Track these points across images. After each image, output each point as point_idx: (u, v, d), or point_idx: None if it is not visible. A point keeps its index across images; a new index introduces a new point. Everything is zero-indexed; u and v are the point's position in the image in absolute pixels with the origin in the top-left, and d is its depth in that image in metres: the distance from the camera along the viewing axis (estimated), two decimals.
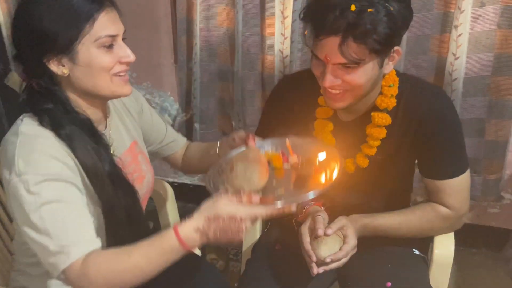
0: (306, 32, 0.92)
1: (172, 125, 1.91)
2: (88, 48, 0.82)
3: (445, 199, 1.03)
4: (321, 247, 0.94)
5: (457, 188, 1.03)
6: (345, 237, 0.97)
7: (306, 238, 0.97)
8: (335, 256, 0.93)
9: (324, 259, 0.93)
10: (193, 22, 1.63)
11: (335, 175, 0.86)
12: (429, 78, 1.50)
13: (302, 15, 0.92)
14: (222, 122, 1.84)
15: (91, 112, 0.90)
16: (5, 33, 1.75)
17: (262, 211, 0.79)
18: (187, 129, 1.89)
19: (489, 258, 1.79)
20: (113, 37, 0.84)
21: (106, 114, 0.97)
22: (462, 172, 1.03)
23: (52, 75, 0.84)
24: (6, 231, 1.15)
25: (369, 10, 0.84)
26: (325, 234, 0.95)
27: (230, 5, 1.60)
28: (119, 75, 0.87)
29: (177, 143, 1.20)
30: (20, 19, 0.83)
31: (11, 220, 1.15)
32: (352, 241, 0.96)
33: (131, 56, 0.86)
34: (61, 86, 0.86)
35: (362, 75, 0.91)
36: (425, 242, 1.13)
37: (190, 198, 2.06)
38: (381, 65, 0.93)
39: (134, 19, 1.75)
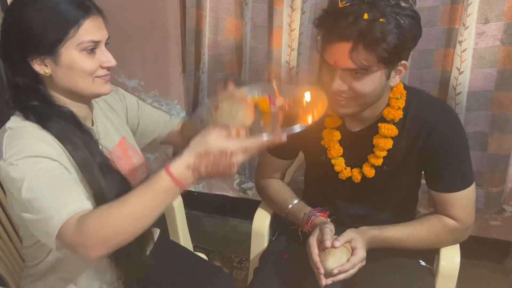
0: (318, 37, 0.96)
1: None
2: (71, 52, 0.85)
3: (452, 211, 1.05)
4: (328, 259, 0.96)
5: (464, 200, 1.05)
6: (353, 249, 0.98)
7: (315, 250, 0.98)
8: (342, 268, 0.94)
9: (331, 270, 0.94)
10: (202, 32, 1.66)
11: (321, 113, 0.86)
12: (433, 92, 1.52)
13: (316, 22, 0.95)
14: None
15: (76, 109, 0.93)
16: None
17: (252, 142, 0.76)
18: None
19: (490, 270, 1.80)
20: (96, 42, 0.87)
21: (90, 111, 1.00)
22: (468, 185, 1.05)
23: (35, 74, 0.88)
24: (19, 239, 1.16)
25: (380, 20, 0.87)
26: (333, 246, 0.96)
27: (239, 17, 1.63)
28: (100, 77, 0.90)
29: (172, 121, 1.23)
30: (9, 19, 0.86)
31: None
32: (361, 253, 0.97)
33: (112, 61, 0.90)
34: (44, 84, 0.89)
35: (369, 83, 0.93)
36: (431, 254, 1.15)
37: (195, 205, 2.08)
38: (388, 76, 0.96)
39: (144, 29, 1.78)
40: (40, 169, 0.81)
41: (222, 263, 1.86)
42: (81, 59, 0.86)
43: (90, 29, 0.86)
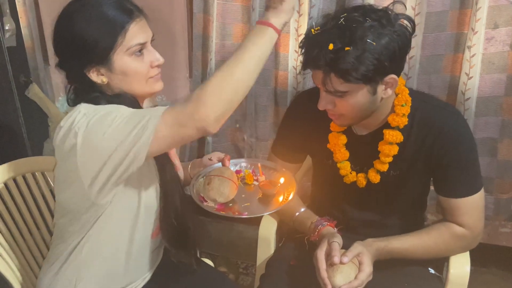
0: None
1: None
2: (122, 57, 0.88)
3: (460, 217, 1.04)
4: (336, 275, 0.95)
5: (472, 206, 1.04)
6: (360, 264, 0.97)
7: (322, 265, 0.97)
8: (350, 285, 0.93)
9: (339, 287, 0.94)
10: (209, 38, 1.66)
11: (290, 196, 1.04)
12: (442, 97, 1.51)
13: (300, 44, 0.96)
14: (234, 136, 1.86)
15: None
16: (27, 45, 1.78)
17: None
18: (199, 142, 1.91)
19: (500, 278, 1.78)
20: (143, 44, 0.90)
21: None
22: (477, 190, 1.04)
23: (92, 83, 0.90)
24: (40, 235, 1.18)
25: (346, 48, 0.87)
26: (341, 262, 0.95)
27: (246, 22, 1.63)
28: (153, 77, 0.93)
29: None
30: (62, 32, 0.88)
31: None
32: (368, 269, 0.96)
33: (160, 59, 0.93)
34: (101, 91, 0.92)
35: (352, 102, 0.95)
36: (441, 261, 1.14)
37: (200, 210, 2.07)
38: (373, 93, 0.95)
39: None
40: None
41: (228, 269, 1.85)
42: (132, 63, 0.89)
43: (136, 33, 0.89)
